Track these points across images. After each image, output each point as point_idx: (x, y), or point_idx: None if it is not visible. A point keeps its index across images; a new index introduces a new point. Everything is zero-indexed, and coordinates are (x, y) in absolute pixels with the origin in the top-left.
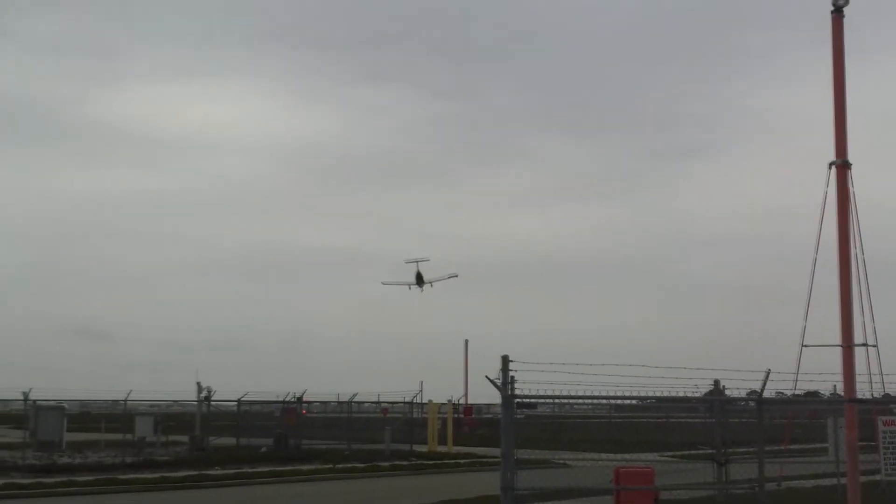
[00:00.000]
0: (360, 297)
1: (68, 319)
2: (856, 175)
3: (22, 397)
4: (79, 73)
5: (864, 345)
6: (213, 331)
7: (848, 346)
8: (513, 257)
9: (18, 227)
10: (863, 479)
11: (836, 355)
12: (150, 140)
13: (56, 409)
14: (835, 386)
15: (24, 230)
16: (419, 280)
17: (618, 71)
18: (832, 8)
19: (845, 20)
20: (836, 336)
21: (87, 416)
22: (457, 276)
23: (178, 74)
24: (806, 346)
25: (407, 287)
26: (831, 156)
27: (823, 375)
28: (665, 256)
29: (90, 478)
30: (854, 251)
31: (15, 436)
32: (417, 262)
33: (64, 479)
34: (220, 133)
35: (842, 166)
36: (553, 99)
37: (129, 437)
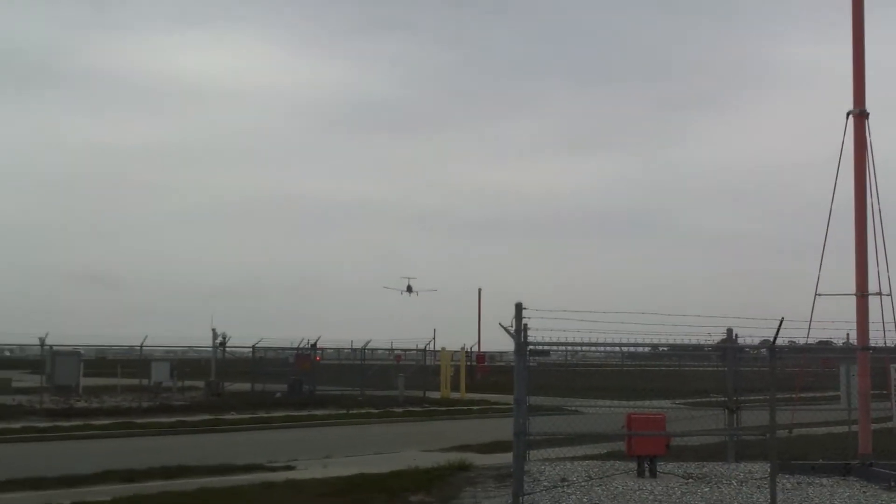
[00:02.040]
0: (371, 245)
1: (84, 267)
2: (873, 125)
3: (38, 342)
4: (80, 20)
5: (879, 294)
6: (228, 278)
7: (862, 294)
8: (525, 208)
9: (33, 175)
10: (874, 426)
11: (850, 305)
12: (158, 89)
13: (73, 354)
14: (847, 334)
15: (39, 178)
16: (409, 289)
17: (626, 19)
18: None
19: None
20: (850, 285)
21: (104, 362)
22: (436, 290)
23: (187, 23)
24: (820, 294)
25: (400, 293)
26: (849, 106)
27: (837, 324)
28: (678, 207)
29: (107, 421)
30: (870, 201)
31: (32, 380)
32: (409, 279)
33: (81, 422)
34: (226, 82)
35: (859, 116)
36: (559, 47)
37: (145, 382)
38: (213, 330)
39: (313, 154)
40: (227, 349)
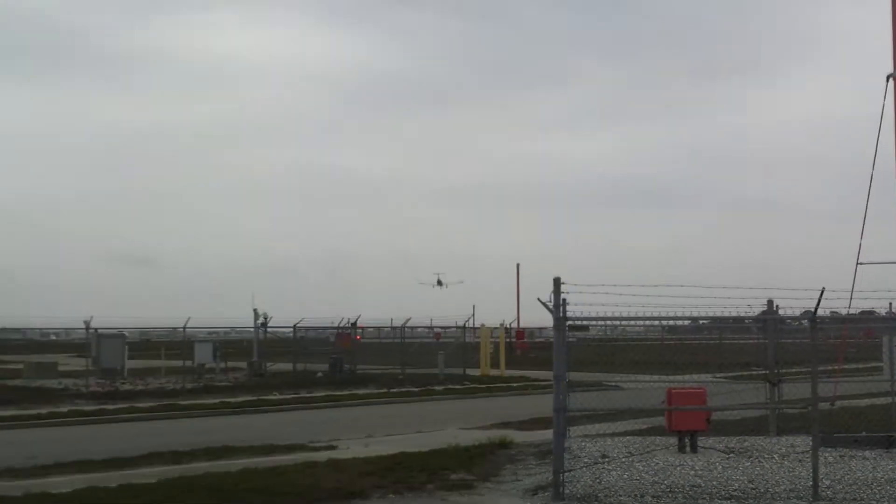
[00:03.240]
0: (408, 220)
1: (125, 250)
2: None
3: (83, 326)
4: (121, 2)
5: None
6: (266, 257)
7: None
8: (560, 180)
9: (72, 157)
10: None
11: (894, 273)
12: (188, 68)
13: (117, 337)
14: (890, 304)
15: (80, 160)
16: (439, 283)
17: None
18: None
19: None
20: (893, 253)
21: (148, 344)
22: (463, 281)
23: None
24: (861, 263)
25: (431, 286)
26: (888, 69)
27: (879, 293)
28: (716, 176)
29: (152, 403)
30: None
31: (78, 364)
32: (438, 275)
33: (126, 405)
34: (256, 59)
35: None
36: (587, 17)
37: (188, 363)
38: (255, 310)
39: (348, 130)
40: (269, 329)
